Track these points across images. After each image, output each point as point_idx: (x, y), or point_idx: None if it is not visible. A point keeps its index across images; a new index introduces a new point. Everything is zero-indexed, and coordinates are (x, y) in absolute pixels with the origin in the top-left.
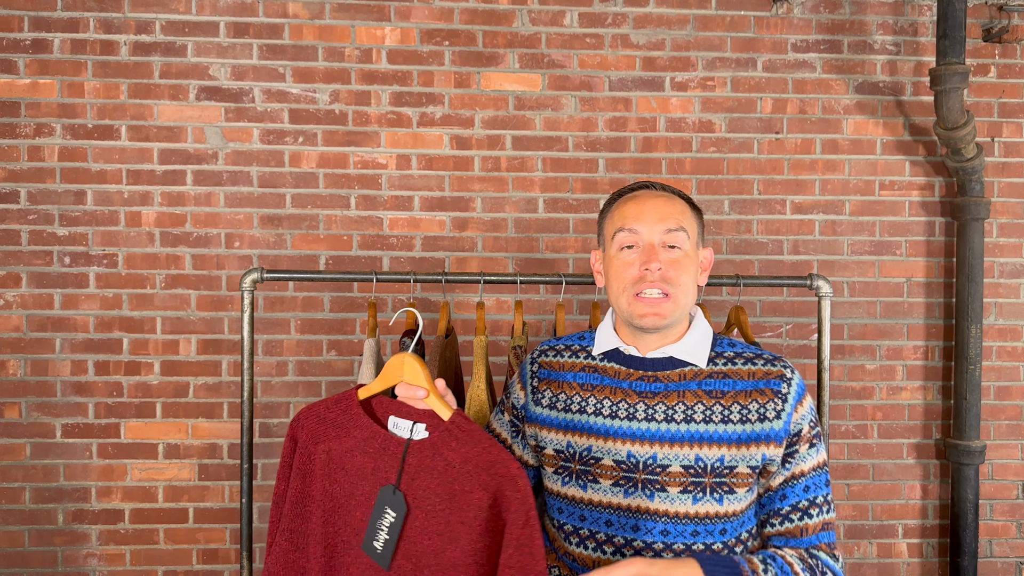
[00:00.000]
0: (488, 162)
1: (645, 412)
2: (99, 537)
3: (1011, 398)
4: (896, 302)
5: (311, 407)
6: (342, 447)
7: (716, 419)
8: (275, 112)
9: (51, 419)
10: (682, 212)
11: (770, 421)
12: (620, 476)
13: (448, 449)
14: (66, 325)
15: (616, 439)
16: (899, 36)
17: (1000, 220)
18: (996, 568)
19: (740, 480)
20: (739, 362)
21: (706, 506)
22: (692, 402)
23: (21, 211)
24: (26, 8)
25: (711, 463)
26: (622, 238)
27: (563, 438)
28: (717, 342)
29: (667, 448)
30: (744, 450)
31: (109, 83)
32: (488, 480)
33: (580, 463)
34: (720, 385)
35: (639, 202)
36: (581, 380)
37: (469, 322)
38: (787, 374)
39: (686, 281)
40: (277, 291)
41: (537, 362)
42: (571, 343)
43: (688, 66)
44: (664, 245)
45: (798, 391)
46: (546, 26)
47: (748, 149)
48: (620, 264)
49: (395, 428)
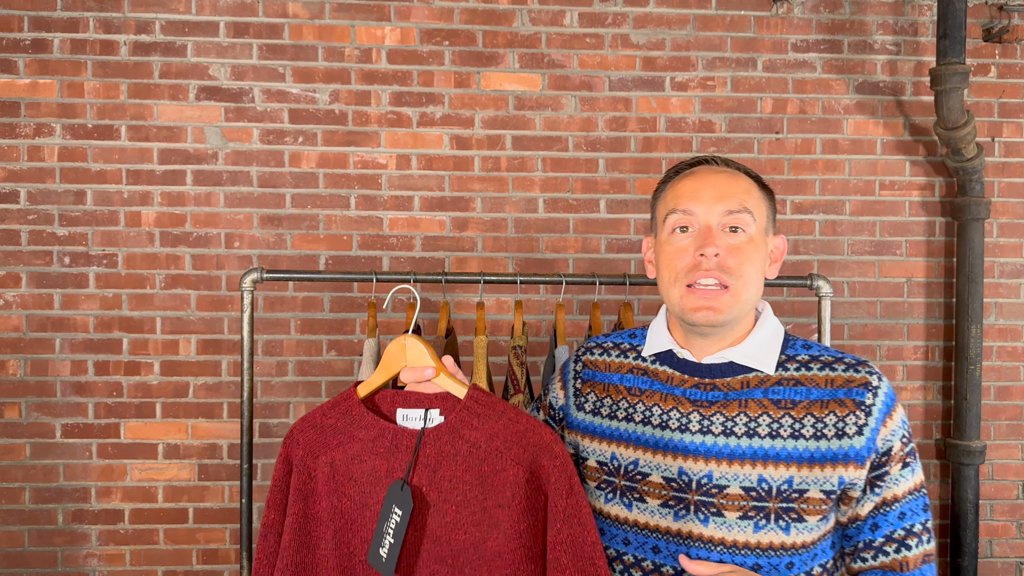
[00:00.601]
0: (488, 162)
1: (700, 423)
2: (99, 537)
3: (1011, 398)
4: (896, 302)
5: (305, 418)
6: (347, 455)
7: (784, 434)
8: (275, 112)
9: (51, 419)
10: (747, 191)
11: (849, 438)
12: (670, 496)
13: (469, 429)
14: (66, 325)
15: (666, 453)
16: (899, 36)
17: (1000, 220)
18: (996, 568)
19: (812, 507)
20: (815, 367)
21: (770, 535)
22: (756, 413)
23: (21, 211)
24: (26, 8)
25: (777, 485)
26: (675, 219)
27: (607, 448)
28: (789, 343)
29: (725, 466)
30: (818, 471)
31: (109, 83)
32: (521, 453)
33: (626, 478)
34: (790, 393)
35: (696, 179)
36: (629, 383)
37: (469, 322)
38: (873, 382)
39: (749, 272)
40: (277, 291)
41: (581, 360)
42: (620, 341)
43: (688, 66)
44: (724, 228)
45: (886, 402)
46: (546, 26)
47: (748, 149)
48: (672, 250)
49: (405, 420)
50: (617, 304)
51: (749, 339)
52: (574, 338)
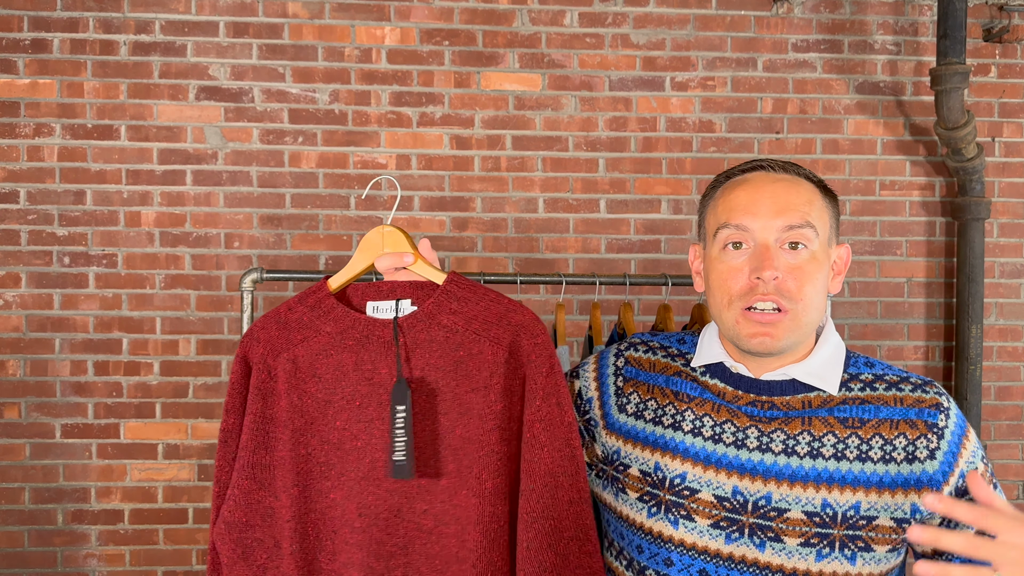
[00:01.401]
0: (488, 162)
1: (759, 440)
2: (99, 537)
3: (1012, 398)
4: (897, 302)
5: (268, 314)
6: (311, 350)
7: (851, 455)
8: (275, 112)
9: (51, 419)
10: (809, 201)
11: (921, 462)
12: (722, 516)
13: (447, 313)
14: (66, 325)
15: (719, 469)
16: (899, 36)
17: (1001, 220)
18: None
19: (881, 535)
20: (880, 386)
21: (833, 564)
22: (820, 432)
23: (21, 211)
24: (26, 8)
25: (843, 511)
26: (727, 235)
27: (651, 457)
28: (851, 361)
29: (786, 488)
30: (888, 497)
31: (109, 83)
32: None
33: (672, 492)
34: (857, 412)
35: (752, 188)
36: (676, 388)
37: None
38: (943, 403)
39: (811, 293)
40: (277, 291)
41: (624, 356)
42: (668, 344)
43: (688, 66)
44: (783, 244)
45: (959, 424)
46: (546, 26)
47: (748, 149)
48: (725, 270)
49: (376, 312)
50: (617, 304)
51: (813, 356)
52: (574, 338)
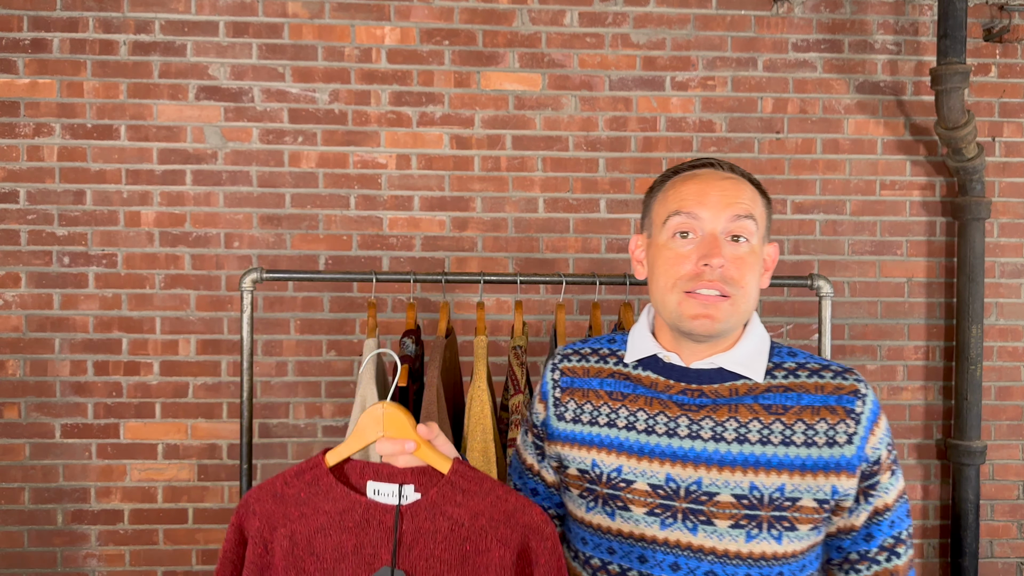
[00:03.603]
0: (488, 162)
1: (689, 428)
2: (98, 537)
3: (1012, 398)
4: (897, 302)
5: (262, 486)
6: (309, 528)
7: (776, 440)
8: (275, 112)
9: (50, 419)
10: (752, 199)
11: (840, 447)
12: (656, 504)
13: (452, 505)
14: (65, 325)
15: (652, 459)
16: (900, 36)
17: (1001, 220)
18: (997, 568)
19: (804, 516)
20: (803, 374)
21: (762, 545)
22: (746, 419)
23: (20, 211)
24: (25, 8)
25: (769, 493)
26: (677, 223)
27: (588, 456)
28: (775, 351)
29: (715, 472)
30: (811, 480)
31: (108, 83)
32: (508, 534)
33: (608, 486)
34: (781, 399)
35: (702, 182)
36: (610, 388)
37: (469, 322)
38: (861, 389)
39: (750, 282)
40: (277, 291)
41: (559, 368)
42: (599, 346)
43: (688, 66)
44: (728, 236)
45: (873, 410)
46: (546, 25)
47: (749, 149)
48: (672, 255)
49: (376, 495)
50: (617, 304)
51: (739, 346)
52: (574, 338)
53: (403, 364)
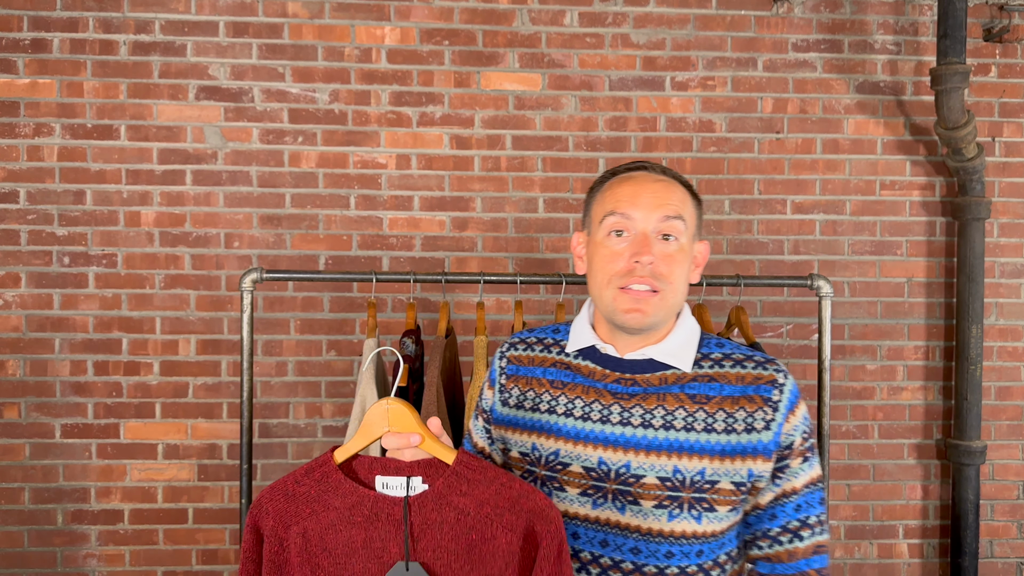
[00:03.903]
0: (488, 162)
1: (620, 415)
2: (98, 537)
3: (1012, 398)
4: (897, 302)
5: (274, 486)
6: (320, 524)
7: (698, 427)
8: (275, 112)
9: (50, 419)
10: (682, 200)
11: (758, 432)
12: (589, 485)
13: (458, 495)
14: (65, 325)
15: (587, 443)
16: (900, 36)
17: (1001, 220)
18: (997, 568)
19: (722, 497)
20: (727, 364)
21: (683, 524)
22: (673, 407)
23: (20, 211)
24: (26, 8)
25: (691, 476)
26: (612, 222)
27: (528, 439)
28: (704, 342)
29: (643, 456)
30: (728, 464)
31: (108, 83)
32: (513, 519)
33: (546, 468)
34: (705, 389)
35: (636, 184)
36: (552, 377)
37: (469, 322)
38: (779, 379)
39: (678, 277)
40: (277, 291)
41: (506, 356)
42: (544, 336)
43: (688, 66)
44: (658, 235)
45: (791, 398)
46: (546, 26)
47: (748, 149)
48: (607, 253)
49: (385, 488)
50: None
51: (669, 338)
52: None
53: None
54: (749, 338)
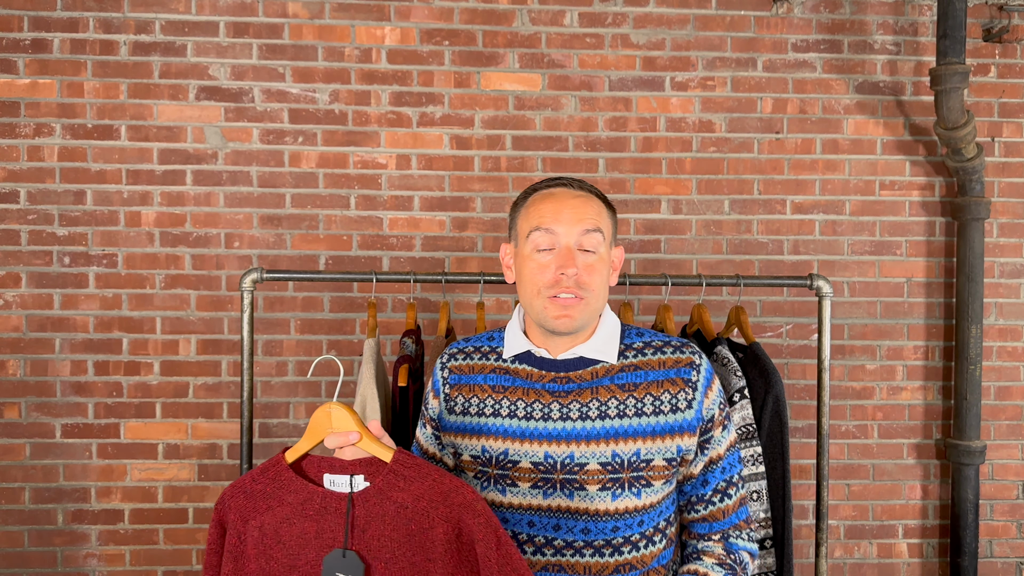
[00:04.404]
0: (488, 162)
1: (560, 412)
2: (99, 537)
3: (1011, 398)
4: (896, 302)
5: (235, 484)
6: (276, 518)
7: (630, 413)
8: (275, 112)
9: (51, 419)
10: (598, 213)
11: (682, 412)
12: (539, 478)
13: (396, 490)
14: (66, 325)
15: (532, 440)
16: (899, 36)
17: (1000, 220)
18: (996, 568)
19: (657, 473)
20: (648, 352)
21: (625, 502)
22: (606, 398)
23: (21, 211)
24: (26, 8)
25: (628, 457)
26: (538, 238)
27: (478, 443)
28: (625, 334)
29: (584, 446)
30: (659, 442)
31: (109, 83)
32: (447, 512)
33: (497, 467)
34: (631, 378)
35: (556, 201)
36: (492, 382)
37: (469, 322)
38: (696, 360)
39: (599, 284)
40: (277, 291)
41: (447, 367)
42: (480, 344)
43: (688, 66)
44: (580, 248)
45: (707, 376)
46: (546, 26)
47: (748, 149)
48: (535, 266)
49: (332, 485)
50: (617, 304)
51: (595, 336)
52: None
53: (403, 364)
54: (749, 338)
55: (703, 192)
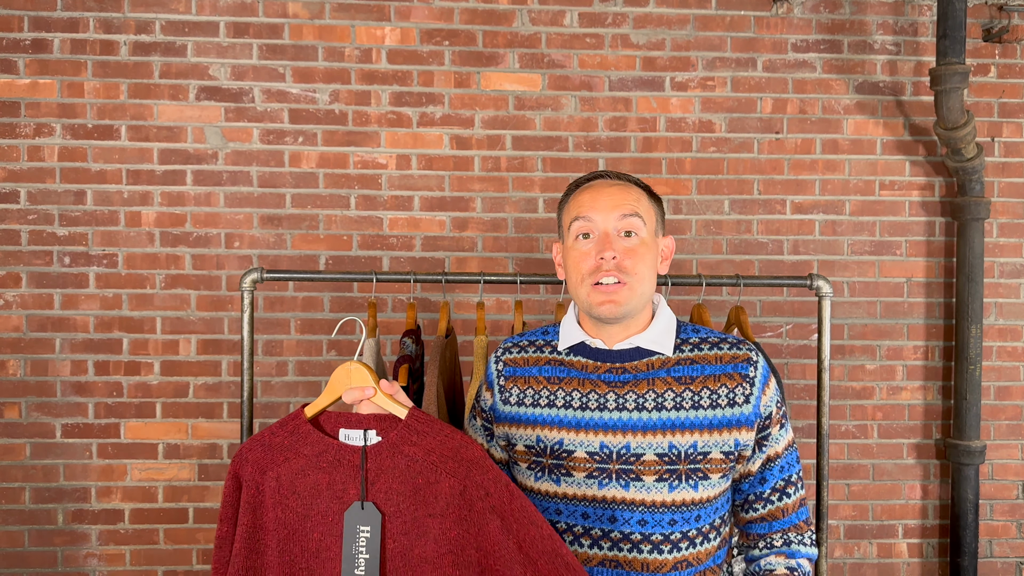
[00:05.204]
0: (488, 162)
1: (616, 402)
2: (99, 537)
3: (1011, 398)
4: (896, 302)
5: (254, 438)
6: (291, 470)
7: (687, 405)
8: (275, 112)
9: (51, 419)
10: (637, 199)
11: (739, 406)
12: (594, 468)
13: (408, 444)
14: (66, 325)
15: (588, 430)
16: (899, 36)
17: (1000, 220)
18: (996, 568)
19: (714, 466)
20: (705, 347)
21: (682, 493)
22: (662, 389)
23: (21, 211)
24: (26, 8)
25: (685, 449)
26: (578, 227)
27: (532, 433)
28: (681, 329)
29: (640, 437)
30: (717, 436)
31: (109, 83)
32: (455, 467)
33: (552, 457)
34: (688, 371)
35: (594, 191)
36: (548, 374)
37: (469, 322)
38: (753, 357)
39: (643, 269)
40: (277, 291)
41: (502, 360)
42: (535, 338)
43: (688, 66)
44: (619, 232)
45: (764, 373)
46: (546, 26)
47: (748, 149)
48: (577, 254)
49: (347, 439)
50: None
51: (651, 327)
52: None
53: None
54: (749, 338)
55: (703, 192)
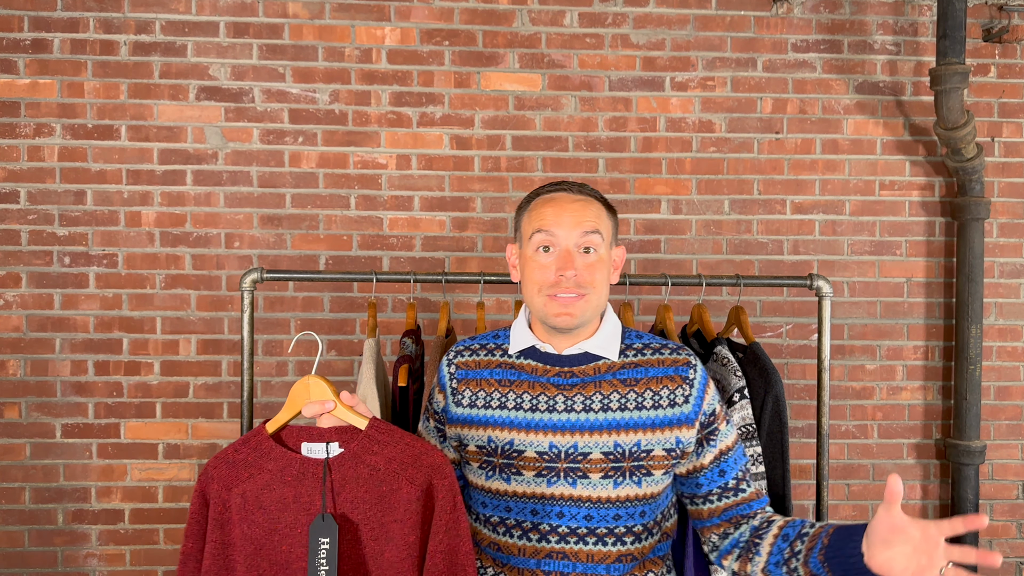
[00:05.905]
0: (488, 162)
1: (564, 404)
2: (99, 537)
3: (1011, 398)
4: (896, 302)
5: (218, 456)
6: (256, 485)
7: (631, 406)
8: (275, 112)
9: (51, 419)
10: (597, 215)
11: (680, 406)
12: (543, 467)
13: (370, 454)
14: (66, 325)
15: (538, 431)
16: (899, 36)
17: (1000, 220)
18: (996, 568)
19: (657, 463)
20: (647, 352)
21: (626, 490)
22: (608, 391)
23: (21, 211)
24: (26, 8)
25: (629, 448)
26: (539, 239)
27: (484, 433)
28: (626, 335)
29: (587, 436)
30: (659, 434)
31: (109, 83)
32: (415, 473)
33: (503, 457)
34: (632, 374)
35: (557, 205)
36: (499, 376)
37: (469, 322)
38: (692, 361)
39: (599, 282)
40: (277, 291)
41: (454, 363)
42: (486, 342)
43: (688, 66)
44: (580, 249)
45: (703, 376)
46: (546, 26)
47: (748, 149)
48: (536, 266)
49: (309, 452)
50: (617, 304)
51: (598, 334)
52: None
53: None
54: (749, 338)
55: (703, 192)
